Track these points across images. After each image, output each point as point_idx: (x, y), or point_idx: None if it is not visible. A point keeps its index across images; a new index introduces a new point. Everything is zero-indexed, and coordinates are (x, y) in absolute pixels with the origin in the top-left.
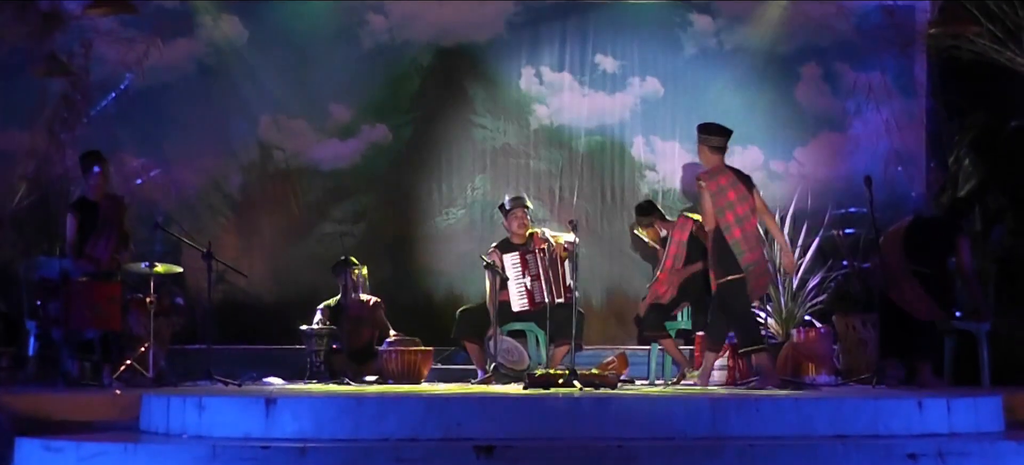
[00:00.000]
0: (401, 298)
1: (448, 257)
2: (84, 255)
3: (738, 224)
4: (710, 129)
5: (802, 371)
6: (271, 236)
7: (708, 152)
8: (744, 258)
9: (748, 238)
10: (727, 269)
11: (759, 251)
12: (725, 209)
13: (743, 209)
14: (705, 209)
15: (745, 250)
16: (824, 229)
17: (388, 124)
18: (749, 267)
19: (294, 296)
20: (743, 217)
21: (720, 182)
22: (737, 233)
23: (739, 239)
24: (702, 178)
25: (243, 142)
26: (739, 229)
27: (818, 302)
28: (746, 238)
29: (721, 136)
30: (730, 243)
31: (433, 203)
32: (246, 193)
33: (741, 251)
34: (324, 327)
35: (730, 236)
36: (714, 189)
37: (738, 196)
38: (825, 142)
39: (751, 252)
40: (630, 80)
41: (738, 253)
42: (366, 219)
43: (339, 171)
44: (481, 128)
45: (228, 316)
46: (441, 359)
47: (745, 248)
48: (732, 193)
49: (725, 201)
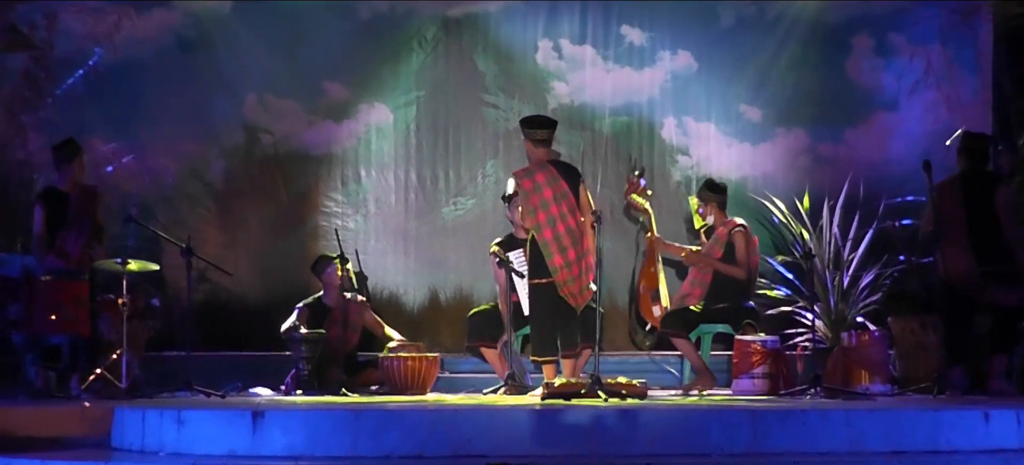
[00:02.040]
0: (404, 299)
1: (457, 252)
2: (53, 250)
3: (549, 225)
4: (533, 122)
5: (854, 380)
6: (258, 229)
7: (532, 146)
8: (553, 260)
9: (560, 239)
10: (534, 271)
11: (572, 252)
12: (537, 209)
13: (559, 208)
14: (522, 206)
15: (554, 252)
16: (878, 220)
17: (389, 104)
18: (557, 270)
19: (283, 296)
20: (557, 217)
21: (536, 179)
22: (547, 234)
23: (549, 240)
24: (518, 174)
25: (226, 124)
26: (550, 230)
27: (871, 302)
28: (557, 239)
29: (545, 129)
30: (540, 244)
31: (440, 192)
32: (230, 181)
33: (549, 254)
34: (313, 333)
35: (540, 237)
36: (528, 187)
37: (555, 194)
38: (878, 123)
39: (560, 255)
40: (660, 54)
41: (546, 255)
42: (364, 210)
43: (333, 157)
44: (493, 108)
45: (210, 319)
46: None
47: (554, 250)
48: (548, 191)
49: (539, 200)
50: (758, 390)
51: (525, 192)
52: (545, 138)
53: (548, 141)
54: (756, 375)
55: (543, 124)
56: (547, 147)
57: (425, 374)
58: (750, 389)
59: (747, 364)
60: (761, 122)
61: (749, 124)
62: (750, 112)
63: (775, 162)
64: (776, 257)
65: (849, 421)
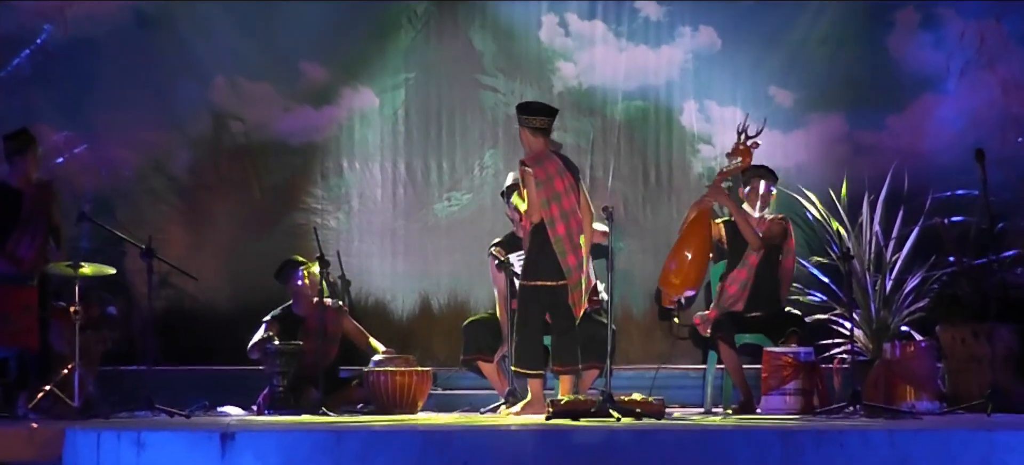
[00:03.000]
0: (392, 306)
1: (451, 253)
2: (3, 254)
3: (563, 219)
4: (531, 108)
5: (898, 396)
6: (227, 228)
7: (530, 135)
8: (567, 259)
9: (573, 237)
10: (535, 271)
11: (582, 252)
12: (550, 201)
13: (570, 202)
14: (530, 199)
15: (568, 250)
16: (924, 217)
17: (374, 87)
18: (570, 271)
19: (256, 304)
20: (569, 212)
21: (548, 169)
22: (561, 229)
23: (563, 236)
24: (528, 162)
25: (192, 110)
26: (564, 225)
27: (917, 309)
28: (570, 237)
29: (545, 116)
30: (553, 241)
31: (432, 186)
32: (196, 174)
33: (564, 251)
34: (289, 344)
35: (553, 233)
36: (542, 177)
37: (565, 187)
38: (925, 107)
39: (573, 254)
40: (679, 30)
41: (560, 253)
42: (347, 207)
43: (312, 147)
44: (491, 92)
45: (174, 329)
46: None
47: (568, 247)
48: (559, 183)
49: (551, 192)
50: (790, 408)
51: (538, 182)
52: (544, 126)
53: (548, 130)
54: (788, 391)
55: (542, 111)
56: (546, 137)
57: (415, 390)
58: (781, 407)
59: (778, 379)
60: (793, 107)
61: (779, 109)
62: (781, 95)
63: (809, 151)
64: (810, 258)
65: (893, 443)
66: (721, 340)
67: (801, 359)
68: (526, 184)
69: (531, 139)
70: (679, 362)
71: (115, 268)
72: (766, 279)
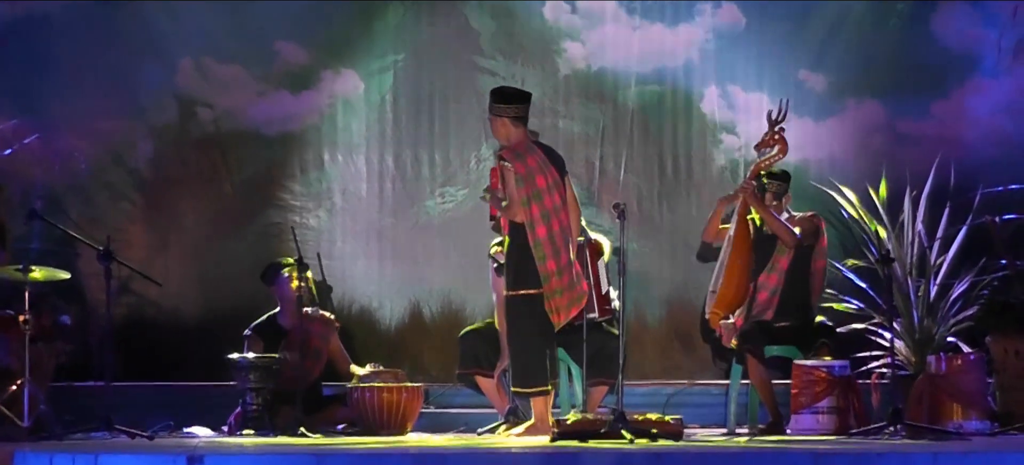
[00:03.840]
0: (379, 314)
1: (445, 256)
2: None
3: (544, 220)
4: (506, 95)
5: (944, 415)
6: (195, 228)
7: (509, 125)
8: (546, 265)
9: (554, 239)
10: (520, 279)
11: (566, 256)
12: (531, 199)
13: (553, 201)
14: (511, 196)
15: (548, 255)
16: (973, 214)
17: (359, 71)
18: (549, 277)
19: (227, 312)
20: (552, 211)
21: (529, 163)
22: (541, 231)
23: (543, 240)
24: (506, 156)
25: (156, 96)
26: (544, 226)
27: (965, 318)
28: (551, 239)
29: (520, 103)
30: (532, 245)
31: (423, 181)
32: (160, 168)
33: (542, 255)
34: (264, 358)
35: (532, 235)
36: (522, 173)
37: (549, 184)
38: (973, 92)
39: (554, 258)
40: (699, 7)
41: (538, 258)
42: (329, 204)
43: (290, 137)
44: (490, 75)
45: (135, 340)
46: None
47: (548, 252)
48: (541, 179)
49: (532, 189)
50: (823, 428)
51: (518, 178)
52: (522, 115)
53: (525, 119)
54: (821, 409)
55: (518, 98)
56: (525, 126)
57: (405, 409)
58: (813, 427)
59: (809, 396)
60: (826, 92)
61: (811, 95)
62: (812, 80)
63: (844, 142)
64: (845, 261)
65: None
66: (750, 353)
67: (835, 374)
68: (505, 180)
69: (509, 130)
70: (700, 377)
71: (69, 272)
72: (796, 285)
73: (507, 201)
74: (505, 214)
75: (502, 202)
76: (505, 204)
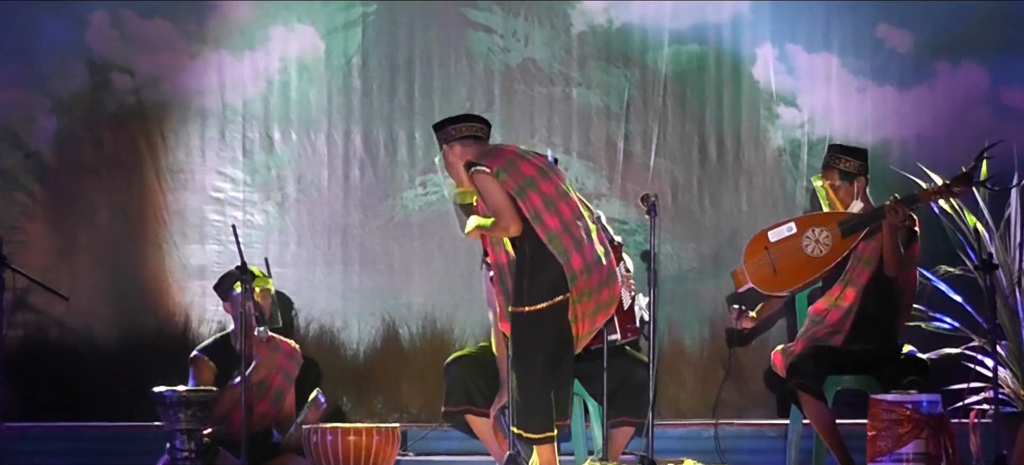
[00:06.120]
0: (344, 336)
1: (427, 262)
2: None
3: (550, 208)
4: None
5: None
6: (111, 227)
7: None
8: (570, 262)
9: (570, 228)
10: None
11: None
12: (525, 188)
13: (551, 186)
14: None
15: (568, 246)
16: None
17: (319, 26)
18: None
19: (150, 334)
20: (555, 197)
21: (504, 155)
22: (551, 221)
23: (557, 230)
24: (477, 159)
25: (60, 59)
26: (553, 215)
27: None
28: (567, 228)
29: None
30: (545, 240)
31: (399, 166)
32: (66, 150)
33: (563, 250)
34: (197, 391)
35: (543, 229)
36: (499, 164)
37: (539, 169)
38: None
39: (578, 251)
40: None
41: (559, 252)
42: (279, 195)
43: (230, 109)
44: (485, 32)
45: (34, 369)
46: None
47: (568, 244)
48: (527, 167)
49: (521, 179)
50: None
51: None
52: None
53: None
54: (905, 456)
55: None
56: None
57: (377, 456)
58: None
59: (891, 439)
60: (912, 53)
61: (893, 57)
62: (894, 37)
63: (934, 117)
64: (936, 269)
65: None
66: (801, 390)
67: (924, 411)
68: (483, 190)
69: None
70: (752, 415)
71: None
72: (878, 301)
73: (494, 216)
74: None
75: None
76: (492, 222)
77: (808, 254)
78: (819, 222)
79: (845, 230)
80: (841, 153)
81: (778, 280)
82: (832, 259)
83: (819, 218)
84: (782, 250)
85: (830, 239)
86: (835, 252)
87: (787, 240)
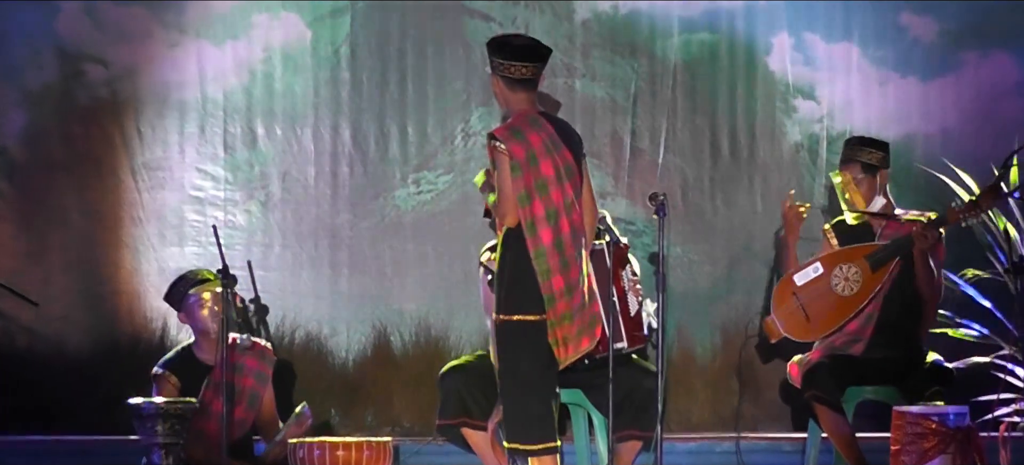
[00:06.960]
0: (331, 344)
1: (420, 265)
2: None
3: (550, 221)
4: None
5: None
6: (84, 228)
7: (504, 88)
8: (551, 281)
9: (563, 247)
10: (515, 300)
11: (577, 269)
12: (533, 194)
13: (562, 195)
14: (503, 190)
15: (553, 267)
16: None
17: (304, 14)
18: (554, 299)
19: (125, 342)
20: (561, 208)
21: (531, 144)
22: (545, 236)
23: (548, 247)
24: (499, 133)
25: (30, 49)
26: (550, 229)
27: None
28: (559, 247)
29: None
30: (533, 254)
31: (391, 163)
32: (36, 146)
33: (546, 269)
34: (176, 404)
35: (534, 241)
36: (521, 157)
37: (558, 171)
38: None
39: (562, 273)
40: None
41: (541, 271)
42: (263, 194)
43: (210, 102)
44: (482, 20)
45: (2, 379)
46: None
47: (554, 264)
48: (548, 165)
49: (535, 179)
50: None
51: (515, 165)
52: (526, 76)
53: (532, 82)
54: None
55: (524, 53)
56: (529, 91)
57: None
58: None
59: (916, 453)
60: (937, 43)
61: (917, 46)
62: (918, 25)
63: (961, 110)
64: (963, 273)
65: None
66: (818, 402)
67: (951, 423)
68: (497, 167)
69: (507, 95)
70: (768, 428)
71: None
72: (901, 308)
73: (497, 196)
74: (496, 213)
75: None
76: (493, 199)
77: (839, 294)
78: (845, 258)
79: (874, 264)
80: (863, 145)
81: (812, 327)
82: (864, 296)
83: (845, 254)
84: (811, 293)
85: (859, 275)
86: (866, 289)
87: (814, 282)
